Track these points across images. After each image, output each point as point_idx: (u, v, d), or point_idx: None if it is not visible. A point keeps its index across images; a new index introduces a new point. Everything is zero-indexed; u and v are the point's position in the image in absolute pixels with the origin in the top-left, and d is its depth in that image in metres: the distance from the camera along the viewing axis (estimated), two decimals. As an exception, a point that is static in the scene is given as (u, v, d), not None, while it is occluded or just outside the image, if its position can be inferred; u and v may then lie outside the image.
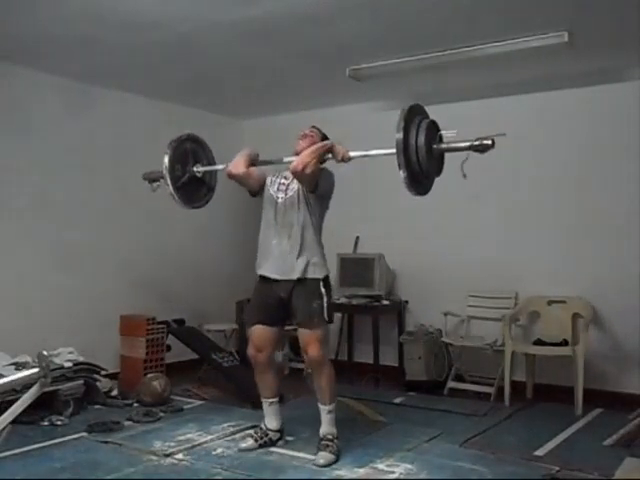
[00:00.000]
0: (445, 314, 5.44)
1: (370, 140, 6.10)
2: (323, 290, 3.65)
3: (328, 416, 3.66)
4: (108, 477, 3.32)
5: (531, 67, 4.94)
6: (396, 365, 5.79)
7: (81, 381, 4.54)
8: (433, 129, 3.35)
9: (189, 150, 4.18)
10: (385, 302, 5.74)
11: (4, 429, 3.10)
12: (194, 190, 4.20)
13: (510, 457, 3.64)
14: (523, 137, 5.40)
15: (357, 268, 5.87)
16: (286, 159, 3.75)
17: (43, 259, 5.08)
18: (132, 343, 5.19)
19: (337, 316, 6.30)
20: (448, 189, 5.77)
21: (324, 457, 3.52)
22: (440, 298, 5.60)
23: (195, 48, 4.56)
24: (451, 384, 5.31)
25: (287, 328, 6.19)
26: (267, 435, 3.81)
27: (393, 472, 3.41)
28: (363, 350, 6.00)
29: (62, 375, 4.41)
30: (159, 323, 5.32)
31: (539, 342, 5.03)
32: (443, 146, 3.38)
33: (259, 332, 3.78)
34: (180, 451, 3.73)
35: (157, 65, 4.97)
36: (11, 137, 4.95)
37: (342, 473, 3.40)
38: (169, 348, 5.39)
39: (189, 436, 4.01)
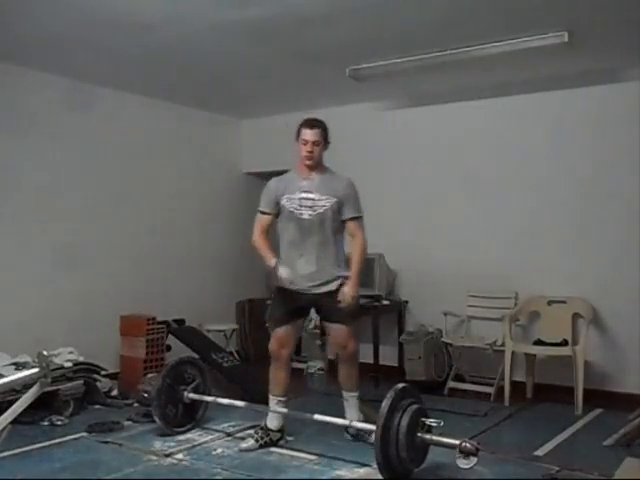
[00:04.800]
0: (445, 314, 5.44)
1: (369, 139, 6.15)
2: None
3: (358, 401, 3.90)
4: (108, 477, 3.32)
5: (531, 67, 4.94)
6: (396, 365, 5.79)
7: (81, 381, 4.55)
8: (419, 416, 3.25)
9: (180, 373, 4.13)
10: (385, 302, 5.73)
11: (4, 429, 3.10)
12: (182, 415, 4.09)
13: (510, 457, 3.64)
14: (523, 137, 5.41)
15: (357, 268, 5.86)
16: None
17: (43, 259, 5.08)
18: (132, 343, 5.19)
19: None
20: (449, 189, 5.81)
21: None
22: (440, 298, 5.60)
23: (195, 48, 4.56)
24: (451, 384, 5.31)
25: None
26: (268, 435, 3.81)
27: (393, 472, 3.40)
28: (363, 350, 5.94)
29: (62, 375, 4.42)
30: (159, 323, 5.31)
31: (539, 342, 5.03)
32: (427, 437, 3.24)
33: (286, 329, 3.84)
34: (180, 451, 3.73)
35: (157, 65, 4.97)
36: (11, 137, 4.94)
37: (342, 473, 3.41)
38: (169, 348, 5.39)
39: (189, 436, 4.02)
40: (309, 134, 3.76)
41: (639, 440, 3.85)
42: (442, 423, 3.27)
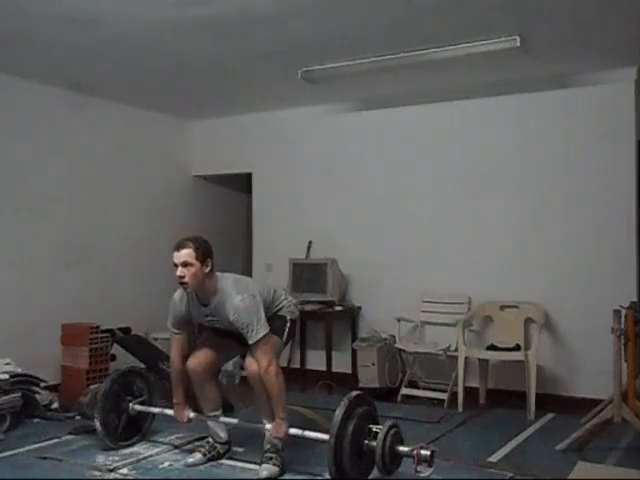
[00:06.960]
0: (398, 320, 5.40)
1: (322, 142, 6.09)
2: None
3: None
4: (45, 495, 3.15)
5: (486, 71, 4.96)
6: (349, 372, 5.72)
7: (19, 394, 4.35)
8: (368, 421, 3.11)
9: (129, 383, 4.00)
10: (338, 308, 5.67)
11: None
12: (125, 427, 3.91)
13: (464, 464, 3.61)
14: (477, 141, 5.43)
15: (310, 273, 5.80)
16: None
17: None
18: (75, 353, 4.98)
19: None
20: (401, 193, 5.79)
21: (267, 469, 3.41)
22: (393, 304, 5.55)
23: (143, 47, 4.42)
24: (404, 391, 5.27)
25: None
26: (215, 448, 3.67)
27: (346, 482, 3.31)
28: (316, 357, 5.92)
29: (-2, 387, 4.21)
30: (103, 332, 5.12)
31: (492, 347, 5.03)
32: (373, 444, 3.05)
33: None
34: (125, 465, 3.58)
35: (103, 64, 4.81)
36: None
37: (294, 485, 3.31)
38: (114, 358, 5.20)
39: (134, 449, 3.86)
40: (180, 256, 3.32)
41: (591, 444, 3.86)
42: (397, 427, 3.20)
